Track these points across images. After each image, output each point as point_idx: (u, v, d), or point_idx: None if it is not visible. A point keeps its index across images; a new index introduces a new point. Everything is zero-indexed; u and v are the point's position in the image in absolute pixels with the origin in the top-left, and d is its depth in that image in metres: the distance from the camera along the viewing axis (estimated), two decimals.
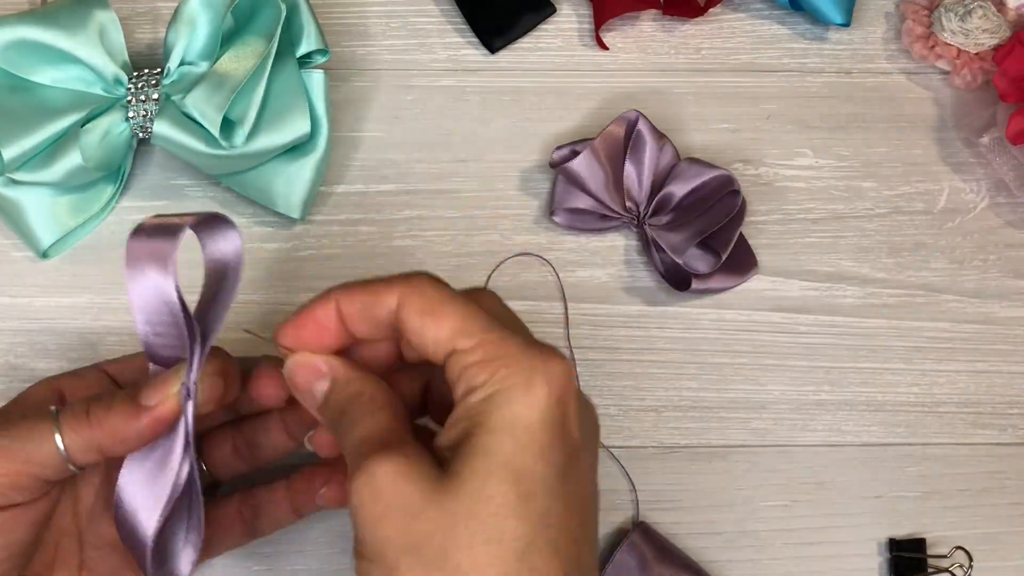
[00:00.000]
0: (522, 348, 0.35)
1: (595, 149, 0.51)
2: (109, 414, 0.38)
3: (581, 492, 0.36)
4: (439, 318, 0.36)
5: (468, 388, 0.35)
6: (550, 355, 0.35)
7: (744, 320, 0.53)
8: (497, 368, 0.35)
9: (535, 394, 0.34)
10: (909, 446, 0.52)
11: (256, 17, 0.50)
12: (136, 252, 0.39)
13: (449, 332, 0.36)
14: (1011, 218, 0.55)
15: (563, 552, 0.34)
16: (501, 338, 0.35)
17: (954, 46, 0.56)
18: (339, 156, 0.53)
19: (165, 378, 0.39)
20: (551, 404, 0.34)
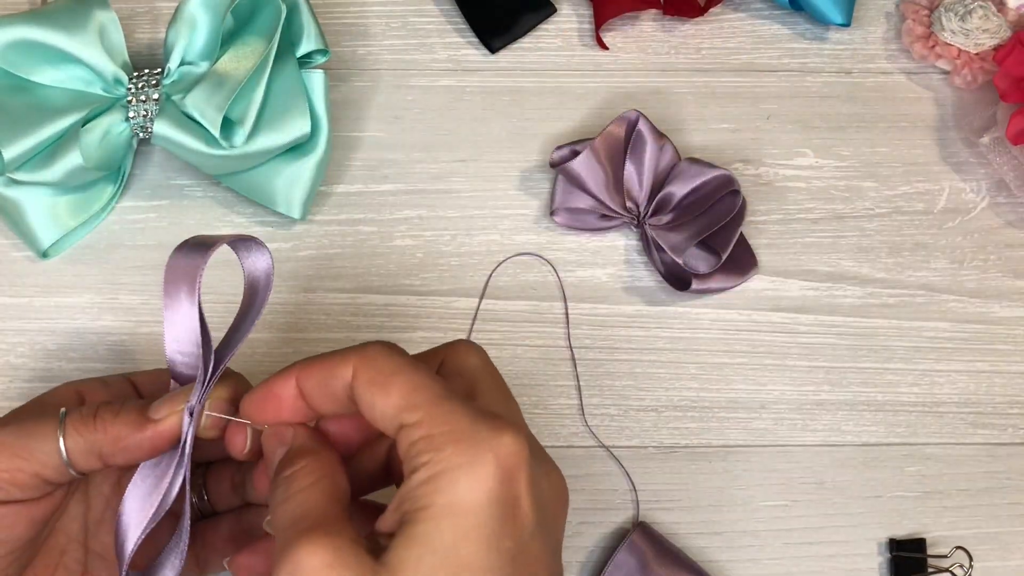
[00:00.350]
0: (470, 422, 0.33)
1: (595, 149, 0.51)
2: (115, 421, 0.38)
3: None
4: (387, 390, 0.34)
5: (412, 468, 0.33)
6: (501, 427, 0.33)
7: (744, 320, 0.53)
8: (442, 445, 0.32)
9: (481, 474, 0.32)
10: (909, 446, 0.52)
11: (256, 17, 0.50)
12: (173, 270, 0.39)
13: (396, 405, 0.34)
14: (1011, 218, 0.55)
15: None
16: (449, 411, 0.33)
17: (954, 46, 0.56)
18: (339, 156, 0.53)
19: (176, 395, 0.38)
20: (499, 483, 0.32)
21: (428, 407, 0.33)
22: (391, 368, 0.34)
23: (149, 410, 0.38)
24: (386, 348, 0.35)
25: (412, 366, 0.35)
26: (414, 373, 0.34)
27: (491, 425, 0.33)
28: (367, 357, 0.35)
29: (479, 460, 0.32)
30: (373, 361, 0.35)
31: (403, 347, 0.51)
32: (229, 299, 0.51)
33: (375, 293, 0.52)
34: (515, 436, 0.33)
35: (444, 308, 0.52)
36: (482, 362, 0.38)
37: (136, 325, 0.51)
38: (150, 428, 0.38)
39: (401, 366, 0.35)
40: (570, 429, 0.51)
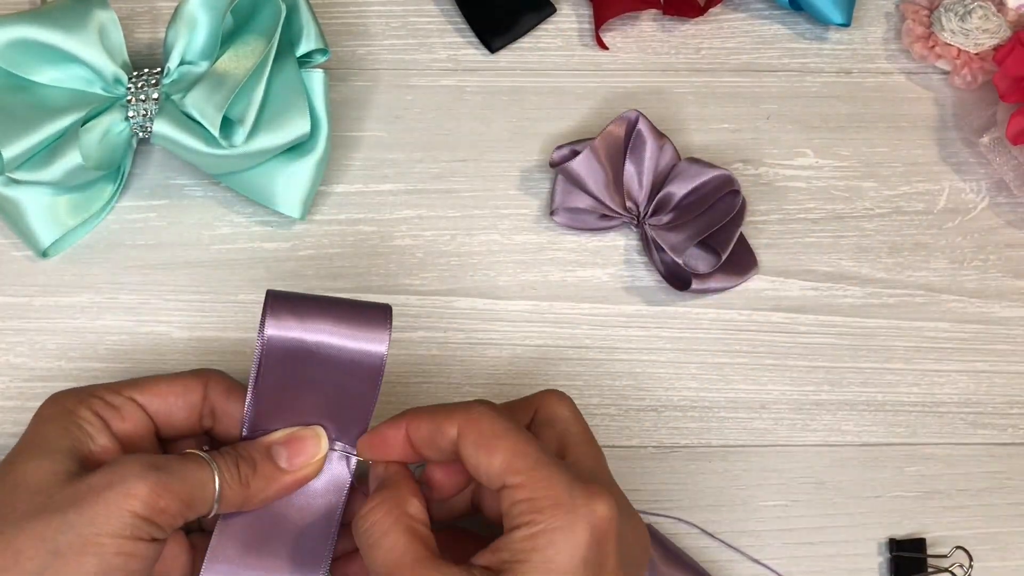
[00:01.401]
0: (567, 487, 0.37)
1: (595, 149, 0.51)
2: (255, 476, 0.41)
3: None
4: (492, 452, 0.39)
5: (512, 525, 0.38)
6: (594, 494, 0.37)
7: (744, 320, 0.53)
8: (542, 508, 0.37)
9: (576, 538, 0.37)
10: (909, 446, 0.52)
11: (256, 16, 0.49)
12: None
13: (500, 467, 0.38)
14: (1011, 218, 0.55)
15: None
16: (547, 476, 0.38)
17: (954, 46, 0.56)
18: (339, 156, 0.53)
19: (303, 441, 0.43)
20: (591, 547, 0.37)
21: (529, 471, 0.38)
22: (495, 431, 0.39)
23: (281, 460, 0.42)
24: (490, 410, 0.40)
25: (514, 431, 0.39)
26: (516, 438, 0.39)
27: (586, 491, 0.37)
28: (472, 419, 0.40)
29: (575, 525, 0.37)
30: (478, 424, 0.39)
31: (403, 346, 0.52)
32: (229, 299, 0.51)
33: (375, 293, 0.52)
34: (607, 502, 0.38)
35: (444, 308, 0.52)
36: (572, 413, 0.43)
37: (136, 325, 0.51)
38: (289, 479, 0.42)
39: (505, 431, 0.39)
40: None
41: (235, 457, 0.41)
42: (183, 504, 0.39)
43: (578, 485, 0.38)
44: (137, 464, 0.39)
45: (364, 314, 0.43)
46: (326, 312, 0.42)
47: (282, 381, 0.43)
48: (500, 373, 0.51)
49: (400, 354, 0.51)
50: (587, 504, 0.37)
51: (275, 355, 0.42)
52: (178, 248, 0.52)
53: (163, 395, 0.43)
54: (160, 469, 0.39)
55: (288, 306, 0.42)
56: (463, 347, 0.52)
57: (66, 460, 0.39)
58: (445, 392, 0.51)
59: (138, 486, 0.38)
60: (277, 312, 0.42)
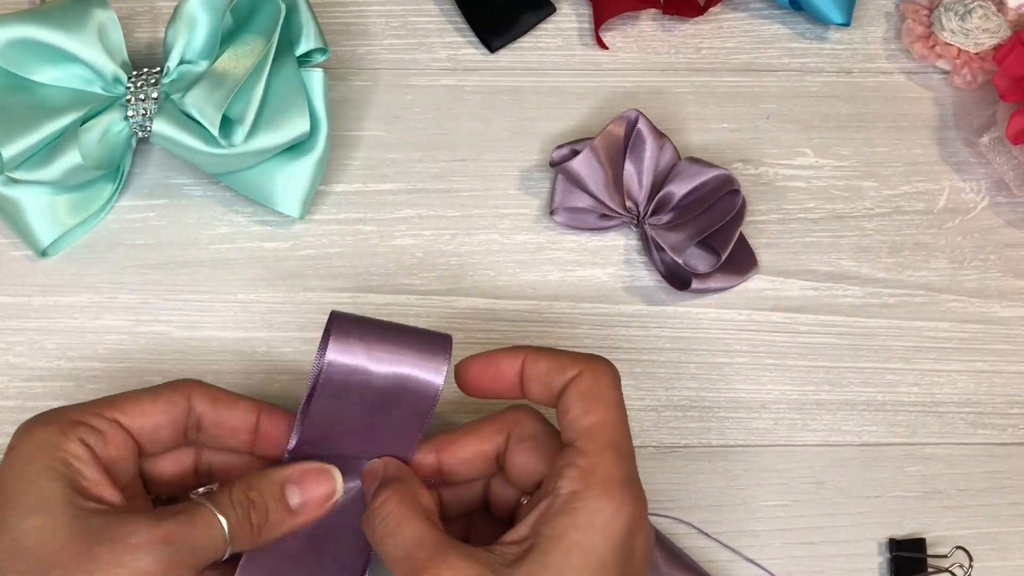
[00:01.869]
0: (625, 478, 0.39)
1: (595, 148, 0.51)
2: (267, 522, 0.40)
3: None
4: (590, 408, 0.39)
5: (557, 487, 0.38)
6: (637, 494, 0.39)
7: (744, 320, 0.53)
8: (594, 484, 0.38)
9: (616, 526, 0.38)
10: (909, 446, 0.52)
11: (255, 16, 0.49)
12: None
13: (586, 426, 0.39)
14: (1011, 218, 0.55)
15: None
16: (615, 458, 0.39)
17: (954, 46, 0.56)
18: (339, 155, 0.53)
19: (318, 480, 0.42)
20: (625, 537, 0.38)
21: (601, 447, 0.39)
22: (606, 396, 0.40)
23: (292, 501, 0.41)
24: (610, 369, 0.41)
25: (620, 406, 0.40)
26: (617, 412, 0.40)
27: (635, 488, 0.39)
28: (596, 372, 0.40)
29: (618, 514, 0.38)
30: (598, 379, 0.40)
31: None
32: (229, 298, 0.51)
33: (375, 292, 0.52)
34: (643, 505, 0.39)
35: (444, 307, 0.52)
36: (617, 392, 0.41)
37: (135, 324, 0.51)
38: (299, 520, 0.41)
39: (613, 399, 0.40)
40: None
41: (246, 503, 0.40)
42: (193, 566, 0.38)
43: (631, 482, 0.39)
44: (147, 539, 0.37)
45: (426, 342, 0.42)
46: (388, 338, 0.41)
47: (333, 406, 0.41)
48: None
49: None
50: (633, 499, 0.38)
51: (334, 381, 0.41)
52: (177, 248, 0.52)
53: (148, 414, 0.41)
54: (170, 543, 0.37)
55: (354, 330, 0.41)
56: (463, 347, 0.52)
57: (64, 511, 0.37)
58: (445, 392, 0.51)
59: (148, 560, 0.36)
60: (342, 336, 0.40)
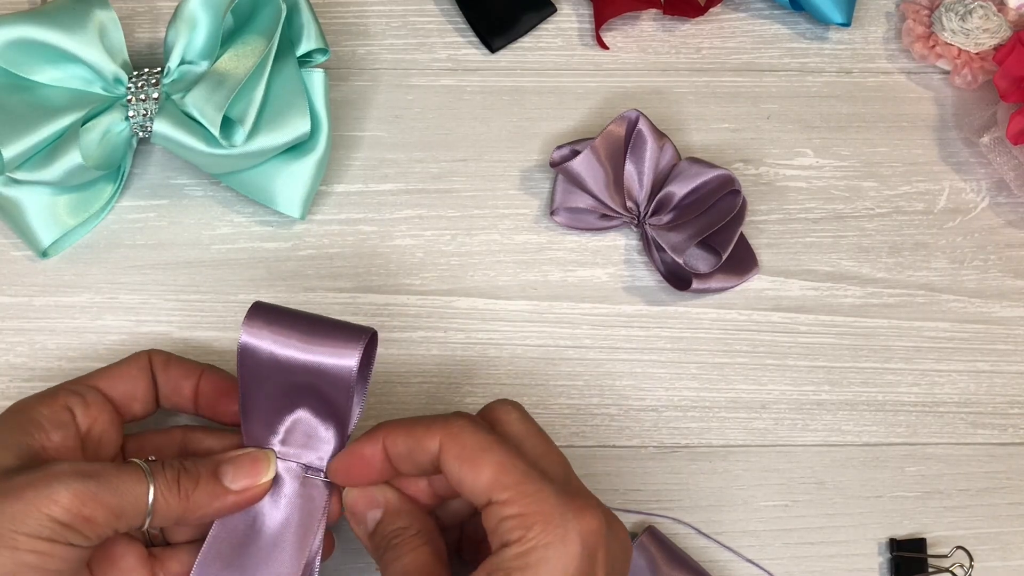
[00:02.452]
0: (557, 502, 0.37)
1: (595, 148, 0.51)
2: (196, 490, 0.40)
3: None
4: (477, 467, 0.38)
5: (503, 542, 0.37)
6: (583, 507, 0.37)
7: (744, 320, 0.53)
8: (532, 523, 0.37)
9: (568, 552, 0.37)
10: (909, 446, 0.52)
11: (256, 16, 0.49)
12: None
13: (486, 482, 0.38)
14: (1011, 218, 0.55)
15: None
16: (537, 491, 0.37)
17: (954, 46, 0.56)
18: (339, 155, 0.53)
19: (255, 463, 0.42)
20: (582, 560, 0.37)
21: (517, 486, 0.37)
22: (479, 445, 0.38)
23: (226, 479, 0.41)
24: (471, 423, 0.39)
25: (499, 444, 0.39)
26: (501, 452, 0.38)
27: (575, 505, 0.37)
28: (454, 433, 0.39)
29: (566, 539, 0.37)
30: (459, 438, 0.39)
31: (402, 346, 0.52)
32: (229, 298, 0.51)
33: (375, 293, 0.52)
34: (595, 515, 0.38)
35: (444, 308, 0.52)
36: (523, 426, 0.41)
37: (136, 324, 0.51)
38: (231, 498, 0.41)
39: (490, 444, 0.38)
40: (570, 429, 0.51)
41: (177, 470, 0.40)
42: (110, 514, 0.38)
43: (566, 498, 0.37)
44: (67, 470, 0.38)
45: (340, 332, 0.42)
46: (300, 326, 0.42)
47: (263, 393, 0.42)
48: (500, 373, 0.51)
49: (400, 354, 0.51)
50: (577, 518, 0.37)
51: (248, 364, 0.42)
52: (178, 248, 0.52)
53: (122, 377, 0.44)
54: (89, 477, 0.38)
55: (265, 317, 0.42)
56: (463, 347, 0.52)
57: (7, 455, 0.39)
58: (445, 392, 0.51)
59: (60, 492, 0.37)
60: (252, 321, 0.41)
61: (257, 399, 0.43)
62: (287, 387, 0.42)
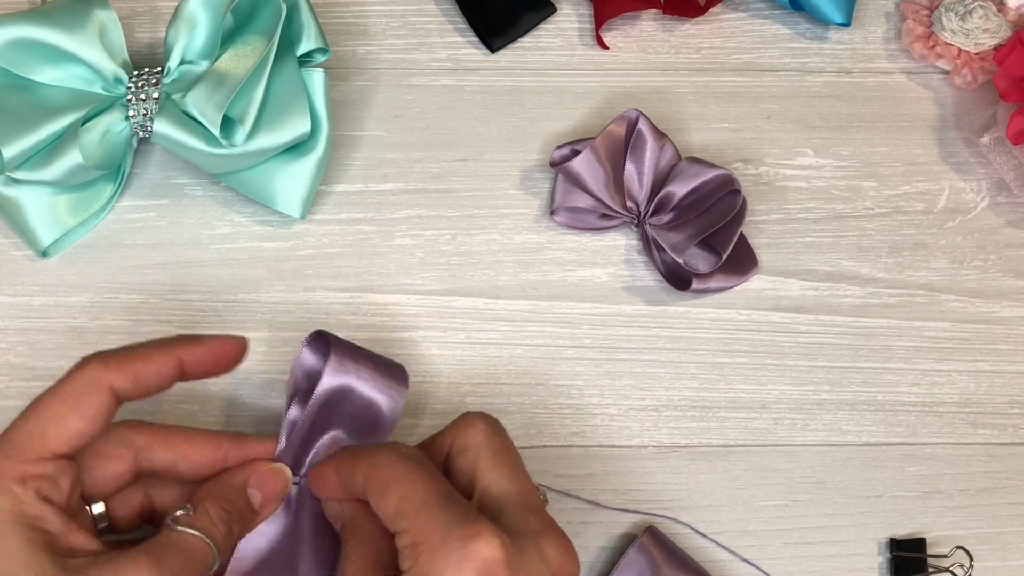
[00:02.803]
0: (444, 531, 0.36)
1: (595, 148, 0.51)
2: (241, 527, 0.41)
3: None
4: (386, 497, 0.38)
5: (403, 570, 0.37)
6: (473, 535, 0.36)
7: (744, 320, 0.53)
8: (420, 552, 0.36)
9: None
10: (909, 446, 0.52)
11: (256, 16, 0.49)
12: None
13: (392, 512, 0.38)
14: (1012, 218, 0.55)
15: None
16: (428, 519, 0.37)
17: (954, 46, 0.56)
18: (339, 155, 0.53)
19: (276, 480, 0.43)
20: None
21: (413, 516, 0.37)
22: (391, 476, 0.39)
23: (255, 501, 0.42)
24: (391, 455, 0.39)
25: (408, 473, 0.38)
26: (409, 481, 0.38)
27: (463, 533, 0.36)
28: (374, 463, 0.39)
29: (455, 568, 0.36)
30: (378, 468, 0.39)
31: (402, 346, 0.52)
32: (230, 298, 0.51)
33: (375, 292, 0.52)
34: (487, 540, 0.36)
35: (444, 307, 0.52)
36: (485, 437, 0.41)
37: (136, 324, 0.51)
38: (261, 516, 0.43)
39: (399, 474, 0.38)
40: (570, 429, 0.51)
41: (226, 519, 0.40)
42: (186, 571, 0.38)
43: (455, 526, 0.36)
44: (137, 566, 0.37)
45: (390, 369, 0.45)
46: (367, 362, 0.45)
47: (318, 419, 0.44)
48: (500, 373, 0.51)
49: (400, 354, 0.51)
50: (463, 546, 0.36)
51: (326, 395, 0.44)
52: (178, 248, 0.52)
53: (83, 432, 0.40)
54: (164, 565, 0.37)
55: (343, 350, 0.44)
56: (463, 347, 0.52)
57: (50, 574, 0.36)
58: (445, 392, 0.51)
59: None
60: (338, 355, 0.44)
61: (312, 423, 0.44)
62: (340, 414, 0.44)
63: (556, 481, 0.50)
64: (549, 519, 0.39)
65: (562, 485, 0.50)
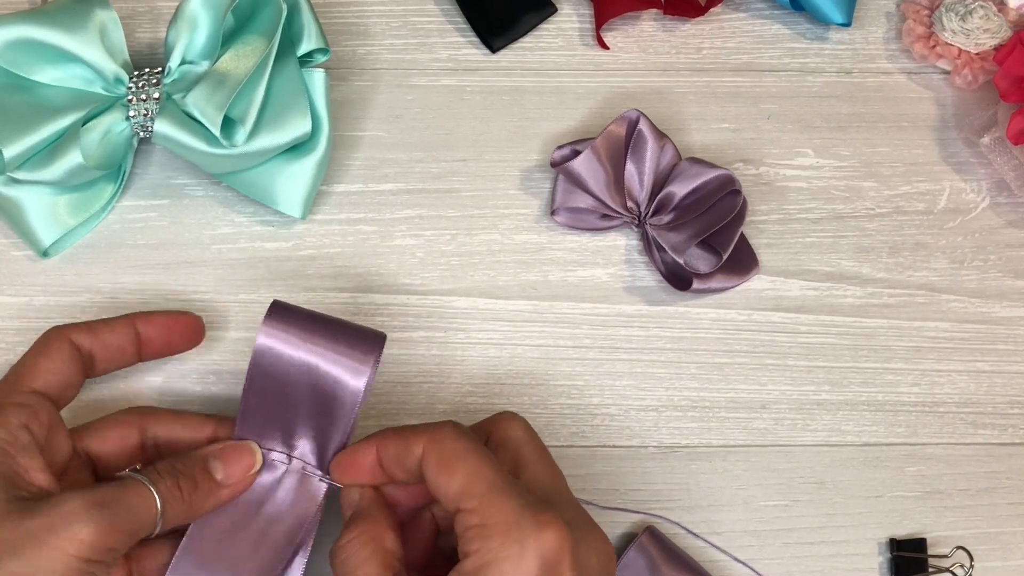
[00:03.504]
0: (517, 515, 0.36)
1: (596, 149, 0.51)
2: (196, 491, 0.41)
3: None
4: (451, 474, 0.38)
5: (464, 552, 0.37)
6: (546, 522, 0.36)
7: (744, 320, 0.53)
8: (491, 535, 0.36)
9: (524, 568, 0.36)
10: (909, 446, 0.52)
11: (257, 16, 0.50)
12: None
13: (457, 490, 0.37)
14: (1012, 218, 0.55)
15: None
16: (501, 502, 0.37)
17: (955, 46, 0.56)
18: (339, 155, 0.53)
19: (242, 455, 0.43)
20: (544, 571, 0.36)
21: (483, 496, 0.37)
22: (456, 452, 0.38)
23: (218, 474, 0.42)
24: (454, 431, 0.39)
25: (476, 452, 0.38)
26: (476, 459, 0.38)
27: (536, 519, 0.36)
28: (436, 438, 0.39)
29: (524, 554, 0.36)
30: (441, 443, 0.39)
31: (402, 346, 0.52)
32: (230, 298, 0.51)
33: (375, 292, 0.52)
34: (557, 529, 0.36)
35: (444, 308, 0.52)
36: (525, 433, 0.42)
37: None
38: (225, 492, 0.42)
39: (466, 451, 0.38)
40: (570, 429, 0.51)
41: (175, 475, 0.40)
42: (128, 536, 0.38)
43: (528, 512, 0.37)
44: (81, 505, 0.37)
45: (355, 340, 0.43)
46: (321, 331, 0.43)
47: (268, 391, 0.43)
48: (500, 373, 0.51)
49: (400, 354, 0.51)
50: (536, 532, 0.36)
51: (263, 364, 0.42)
52: (179, 248, 0.52)
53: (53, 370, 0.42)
54: (105, 507, 0.37)
55: (285, 318, 0.43)
56: (463, 347, 0.52)
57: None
58: (445, 392, 0.51)
59: (82, 530, 0.36)
60: (273, 323, 0.42)
61: (263, 398, 0.43)
62: (297, 387, 0.43)
63: None
64: (589, 516, 0.40)
65: None
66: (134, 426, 0.44)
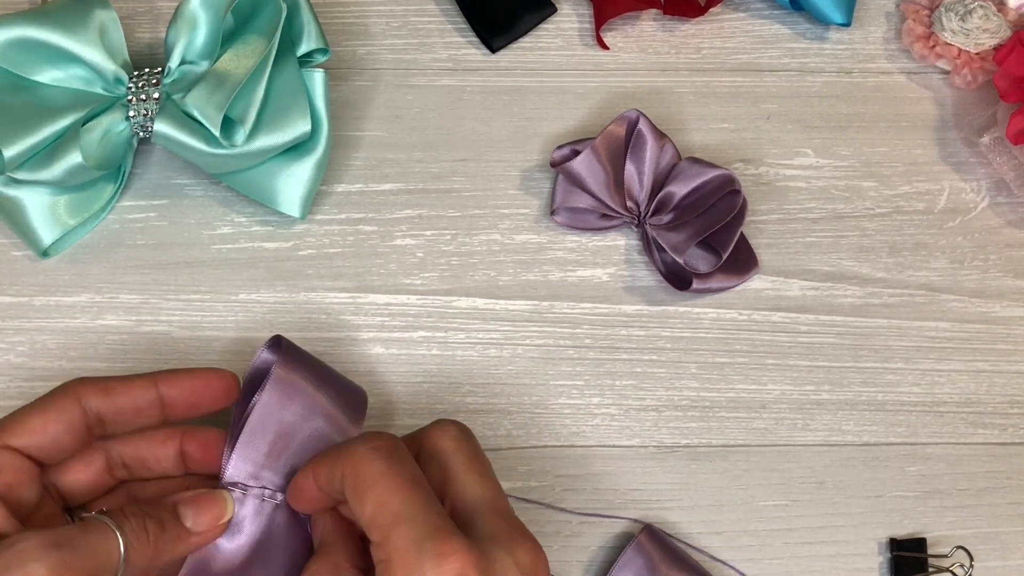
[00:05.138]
0: (418, 548, 0.35)
1: (596, 148, 0.51)
2: (163, 535, 0.40)
3: None
4: (363, 503, 0.37)
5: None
6: (447, 553, 0.35)
7: (744, 320, 0.53)
8: (393, 570, 0.35)
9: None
10: (909, 446, 0.52)
11: (257, 16, 0.50)
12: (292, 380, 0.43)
13: (367, 519, 0.37)
14: (1012, 218, 0.55)
15: None
16: (404, 533, 0.36)
17: (954, 46, 0.56)
18: (339, 155, 0.53)
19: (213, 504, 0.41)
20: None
21: (388, 527, 0.36)
22: (368, 478, 0.37)
23: (187, 521, 0.40)
24: (371, 451, 0.38)
25: (388, 476, 0.37)
26: (386, 485, 0.37)
27: (437, 551, 0.35)
28: (353, 462, 0.38)
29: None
30: (356, 467, 0.38)
31: (402, 346, 0.52)
32: (230, 298, 0.51)
33: (375, 293, 0.52)
34: (461, 558, 0.35)
35: (444, 308, 0.52)
36: (455, 443, 0.40)
37: (136, 324, 0.51)
38: (194, 540, 0.41)
39: (379, 476, 0.37)
40: (570, 429, 0.51)
41: (142, 518, 0.39)
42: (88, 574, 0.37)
43: (430, 543, 0.35)
44: (35, 544, 0.36)
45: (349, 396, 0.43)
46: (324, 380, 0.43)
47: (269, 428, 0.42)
48: (500, 373, 0.51)
49: (400, 354, 0.51)
50: (436, 566, 0.35)
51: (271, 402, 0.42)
52: (178, 248, 0.52)
53: (39, 430, 0.41)
54: (62, 547, 0.36)
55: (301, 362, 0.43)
56: (463, 347, 0.52)
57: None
58: (445, 392, 0.51)
59: (36, 570, 0.35)
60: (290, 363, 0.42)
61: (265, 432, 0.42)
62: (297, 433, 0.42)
63: (556, 481, 0.50)
64: (519, 523, 0.39)
65: (562, 485, 0.50)
66: (99, 450, 0.43)
